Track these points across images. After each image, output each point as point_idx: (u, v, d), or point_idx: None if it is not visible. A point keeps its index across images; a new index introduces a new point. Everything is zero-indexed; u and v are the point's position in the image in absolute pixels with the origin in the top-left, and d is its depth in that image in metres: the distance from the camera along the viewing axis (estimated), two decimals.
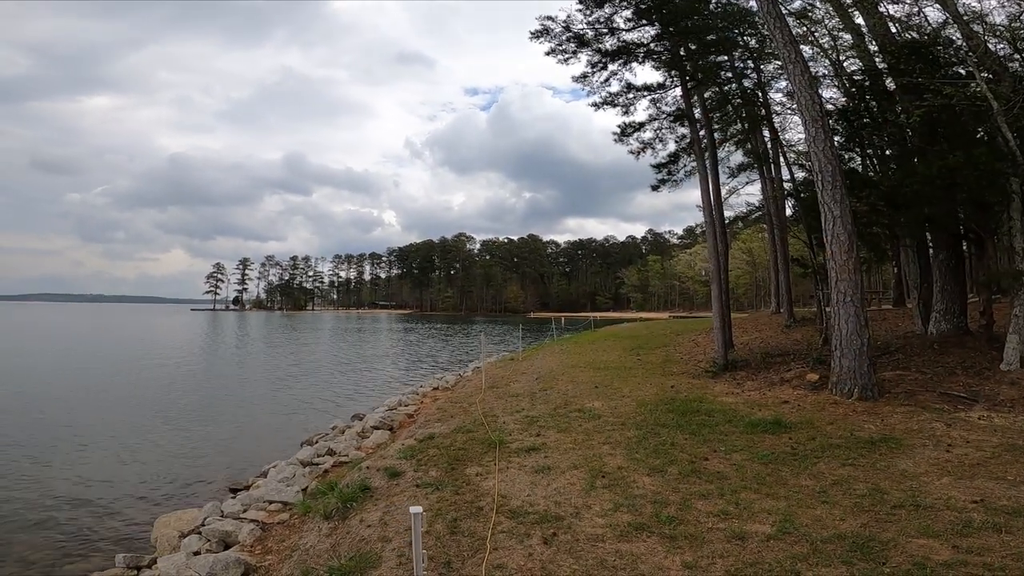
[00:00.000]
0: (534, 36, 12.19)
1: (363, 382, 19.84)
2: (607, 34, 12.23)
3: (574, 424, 6.85)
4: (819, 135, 8.05)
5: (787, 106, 16.67)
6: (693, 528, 3.90)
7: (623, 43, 12.25)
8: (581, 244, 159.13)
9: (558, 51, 12.39)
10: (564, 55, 12.45)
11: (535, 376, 11.41)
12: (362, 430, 9.61)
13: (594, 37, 12.20)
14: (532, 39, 12.23)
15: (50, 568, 5.46)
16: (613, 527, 3.96)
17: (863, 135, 11.60)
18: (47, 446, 9.97)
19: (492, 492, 4.67)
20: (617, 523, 4.02)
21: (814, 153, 8.13)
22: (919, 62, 9.47)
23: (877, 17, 10.93)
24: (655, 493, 4.55)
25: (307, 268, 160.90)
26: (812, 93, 8.30)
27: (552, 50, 12.40)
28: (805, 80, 8.33)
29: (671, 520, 4.02)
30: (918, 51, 9.70)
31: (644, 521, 4.03)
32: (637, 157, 14.31)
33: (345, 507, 4.78)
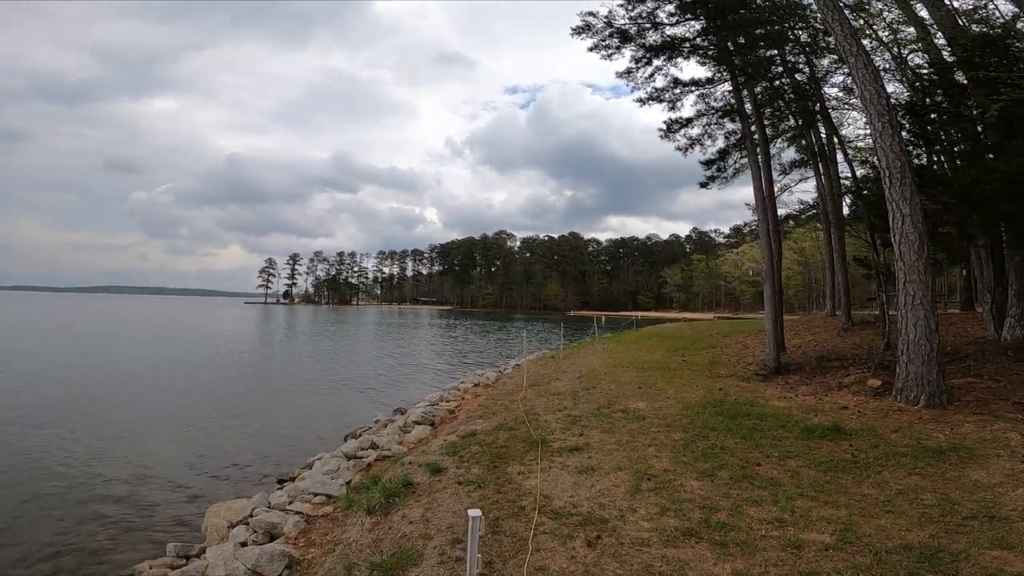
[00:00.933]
0: (575, 32, 12.05)
1: (404, 376, 20.18)
2: (650, 29, 11.96)
3: (618, 424, 6.70)
4: (886, 130, 7.61)
5: (844, 101, 15.89)
6: (745, 535, 3.72)
7: (667, 38, 11.94)
8: (623, 242, 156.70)
9: (601, 47, 12.20)
10: (607, 51, 12.25)
11: (577, 375, 11.27)
12: (404, 424, 9.73)
13: (637, 32, 11.96)
14: (573, 35, 12.11)
15: (106, 555, 5.72)
16: (660, 531, 3.83)
17: (932, 131, 10.89)
18: (111, 434, 10.54)
19: (534, 492, 4.61)
20: (664, 527, 3.88)
21: (880, 148, 7.69)
22: (993, 55, 8.82)
23: (944, 11, 10.29)
24: (704, 498, 4.38)
25: (352, 264, 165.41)
26: (877, 87, 7.86)
27: (595, 46, 12.22)
28: (869, 73, 7.89)
29: (721, 526, 3.86)
30: (992, 44, 9.05)
31: (692, 526, 3.88)
32: (685, 153, 14.01)
33: (388, 502, 4.81)
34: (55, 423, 11.23)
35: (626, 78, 12.69)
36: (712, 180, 14.75)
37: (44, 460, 8.88)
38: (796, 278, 64.72)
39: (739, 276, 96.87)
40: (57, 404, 13.10)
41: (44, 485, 7.69)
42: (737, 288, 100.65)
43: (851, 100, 15.24)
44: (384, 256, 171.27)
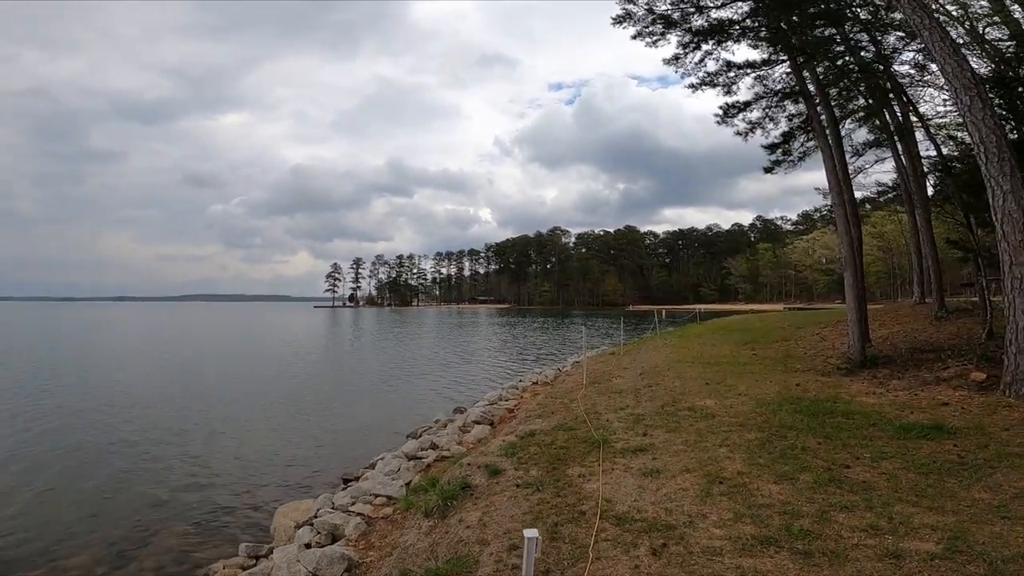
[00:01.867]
0: (616, 22, 11.68)
1: (464, 375, 20.36)
2: (695, 13, 11.40)
3: (684, 424, 6.33)
4: (975, 104, 7.00)
5: (916, 79, 14.61)
6: (833, 544, 3.37)
7: (714, 21, 11.34)
8: (682, 234, 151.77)
9: (644, 34, 11.77)
10: (651, 37, 11.81)
11: (639, 371, 10.87)
12: (463, 424, 9.72)
13: (681, 17, 11.46)
14: (614, 24, 11.73)
15: (186, 554, 5.98)
16: (733, 539, 3.52)
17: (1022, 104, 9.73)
18: (196, 433, 11.19)
19: (596, 495, 4.38)
20: (738, 535, 3.57)
21: (972, 123, 7.04)
22: None
23: None
24: (784, 503, 4.00)
25: (412, 266, 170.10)
26: (959, 60, 7.24)
27: (638, 33, 11.80)
28: (947, 47, 7.30)
29: (805, 534, 3.50)
30: None
31: (771, 534, 3.54)
32: (745, 138, 13.32)
33: (445, 505, 4.75)
34: (142, 423, 12.10)
35: (674, 64, 12.19)
36: (777, 165, 13.92)
37: (131, 457, 9.53)
38: (877, 264, 60.23)
39: (811, 264, 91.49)
40: (145, 405, 14.15)
41: (132, 481, 8.24)
42: (809, 277, 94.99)
43: (925, 77, 14.11)
44: (441, 257, 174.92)
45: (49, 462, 9.12)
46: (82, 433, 11.02)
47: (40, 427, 11.60)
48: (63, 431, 11.25)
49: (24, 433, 11.08)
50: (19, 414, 12.80)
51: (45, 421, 12.13)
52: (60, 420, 12.26)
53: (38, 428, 11.50)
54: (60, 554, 5.91)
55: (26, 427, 11.55)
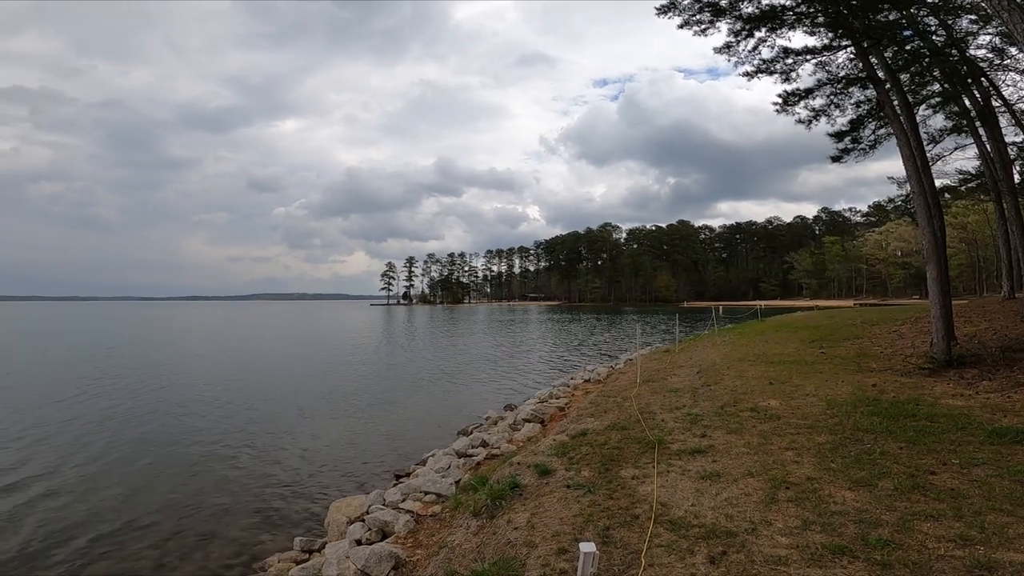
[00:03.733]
0: (661, 12, 11.25)
1: (515, 371, 20.35)
2: (744, 0, 10.79)
3: (746, 425, 5.97)
4: None
5: (996, 63, 13.35)
6: (916, 554, 3.09)
7: (766, 7, 10.69)
8: (739, 228, 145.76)
9: (692, 23, 11.26)
10: (699, 26, 11.29)
11: (695, 370, 10.44)
12: (514, 422, 9.66)
13: (729, 4, 10.87)
14: (659, 14, 11.30)
15: (245, 546, 6.19)
16: (801, 548, 3.26)
17: None
18: (253, 430, 11.65)
19: (650, 499, 4.18)
20: (807, 543, 3.30)
21: None
22: None
23: None
24: (860, 510, 3.69)
25: (463, 264, 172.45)
26: None
27: (685, 22, 11.30)
28: None
29: (884, 544, 3.22)
30: None
31: (845, 543, 3.26)
32: (808, 126, 12.65)
33: (494, 505, 4.67)
34: (211, 417, 12.81)
35: (726, 53, 11.66)
36: (846, 153, 13.13)
37: (200, 449, 10.06)
38: (959, 257, 55.62)
39: (885, 258, 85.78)
40: (215, 400, 14.98)
41: (199, 473, 8.67)
42: (883, 271, 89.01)
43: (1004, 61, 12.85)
44: (492, 255, 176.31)
45: (127, 452, 9.75)
46: (157, 426, 11.76)
47: (122, 418, 12.51)
48: (142, 424, 12.06)
49: (107, 424, 11.97)
50: (106, 407, 13.86)
51: (126, 414, 13.07)
52: (140, 413, 13.18)
53: (121, 419, 12.40)
54: (131, 540, 6.27)
55: (110, 417, 12.49)
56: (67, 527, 6.57)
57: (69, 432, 11.06)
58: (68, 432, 11.06)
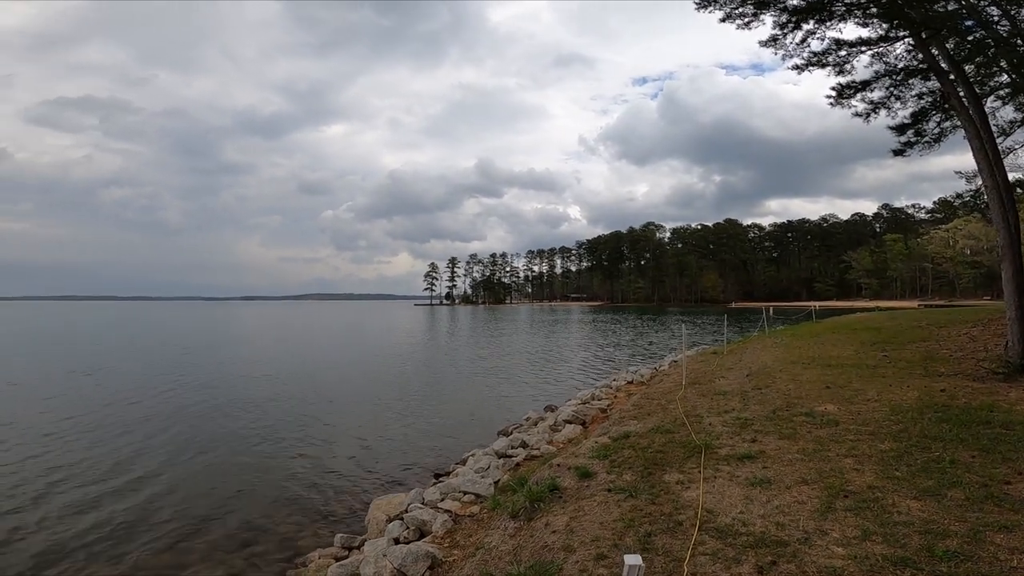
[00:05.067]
0: (700, 6, 10.89)
1: (556, 372, 20.21)
2: None
3: (801, 430, 5.65)
4: None
5: None
6: (987, 566, 2.86)
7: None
8: (791, 226, 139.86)
9: (734, 16, 10.85)
10: (742, 19, 10.87)
11: (745, 372, 10.02)
12: (554, 423, 9.55)
13: None
14: (698, 8, 10.93)
15: (289, 541, 6.37)
16: (860, 559, 3.04)
17: None
18: (302, 427, 12.07)
19: (695, 505, 4.00)
20: (866, 554, 3.08)
21: None
22: None
23: None
24: (927, 521, 3.43)
25: (504, 264, 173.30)
26: None
27: (727, 16, 10.90)
28: None
29: (952, 555, 2.98)
30: None
31: (908, 555, 3.03)
32: (867, 120, 12.03)
33: (532, 507, 4.59)
34: (262, 413, 13.34)
35: (772, 46, 11.21)
36: (909, 147, 12.39)
37: (249, 445, 10.47)
38: None
39: (952, 256, 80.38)
40: (267, 397, 15.60)
41: (247, 469, 8.97)
42: (950, 271, 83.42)
43: None
44: (533, 255, 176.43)
45: (185, 446, 10.24)
46: (213, 422, 12.35)
47: (185, 414, 13.22)
48: (200, 419, 12.71)
49: (172, 419, 12.67)
50: (174, 403, 14.69)
51: (189, 409, 13.80)
52: (201, 410, 13.92)
53: (184, 415, 13.11)
54: (184, 529, 6.58)
55: (176, 413, 13.22)
56: (126, 515, 6.96)
57: (139, 426, 11.79)
58: (138, 426, 11.79)
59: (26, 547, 6.09)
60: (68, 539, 6.29)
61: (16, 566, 5.68)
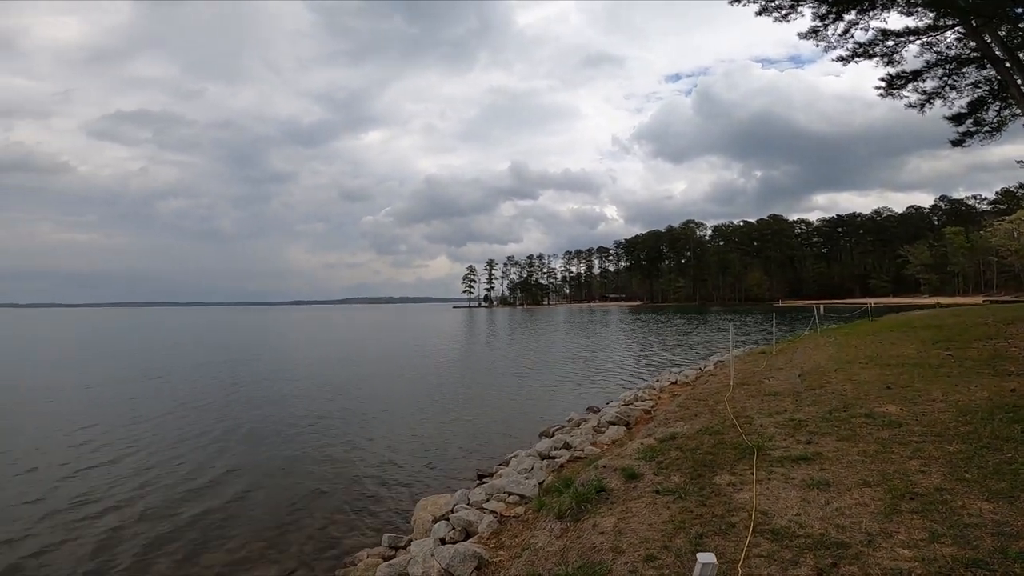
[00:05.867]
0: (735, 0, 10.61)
1: (597, 373, 20.04)
2: None
3: (860, 432, 5.42)
4: None
5: None
6: None
7: None
8: (841, 220, 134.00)
9: (770, 9, 10.58)
10: (779, 12, 10.59)
11: (797, 372, 9.67)
12: (598, 424, 9.48)
13: None
14: (732, 2, 10.65)
15: (337, 540, 6.51)
16: (927, 561, 2.92)
17: None
18: (347, 427, 12.32)
19: (748, 506, 3.90)
20: (934, 556, 2.96)
21: None
22: None
23: None
24: (999, 523, 3.25)
25: (541, 265, 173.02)
26: None
27: (763, 9, 10.61)
28: None
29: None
30: None
31: (980, 556, 2.90)
32: (921, 110, 11.56)
33: (579, 508, 4.58)
34: (308, 413, 13.78)
35: (813, 38, 10.92)
36: (968, 136, 11.83)
37: (297, 444, 10.80)
38: None
39: (1017, 249, 75.07)
40: (312, 397, 16.14)
41: (295, 466, 9.27)
42: (1016, 264, 77.95)
43: None
44: (570, 256, 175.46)
45: (236, 446, 10.62)
46: (263, 423, 12.80)
47: (236, 415, 13.82)
48: (251, 420, 13.22)
49: (224, 419, 13.26)
50: (224, 405, 15.39)
51: (240, 410, 14.42)
52: (249, 409, 14.51)
53: (235, 416, 13.71)
54: (236, 527, 6.80)
55: (229, 415, 13.83)
56: (181, 511, 7.28)
57: (195, 430, 12.37)
58: (194, 430, 12.38)
59: (80, 548, 6.32)
60: (127, 537, 6.58)
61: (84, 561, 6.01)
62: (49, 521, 7.01)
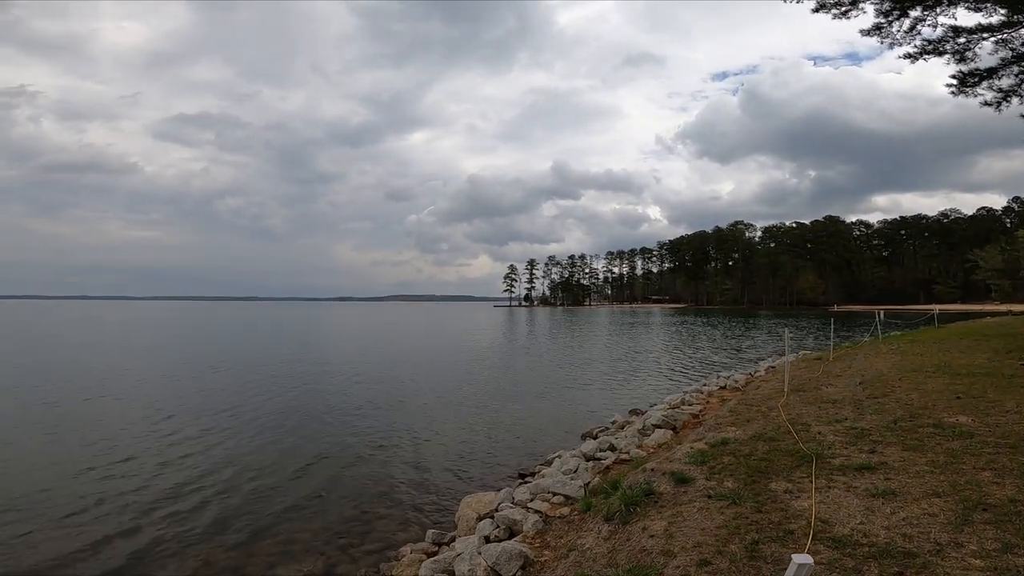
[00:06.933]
0: None
1: (639, 375, 19.78)
2: None
3: (928, 442, 5.18)
4: None
5: None
6: None
7: None
8: (905, 222, 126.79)
9: (829, 6, 10.15)
10: (839, 8, 10.16)
11: (857, 379, 9.28)
12: (643, 427, 9.36)
13: None
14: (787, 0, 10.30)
15: (380, 534, 6.56)
16: (1000, 571, 2.80)
17: None
18: (391, 424, 12.46)
19: (807, 514, 3.79)
20: (1007, 566, 2.84)
21: None
22: None
23: None
24: None
25: (583, 266, 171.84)
26: None
27: (821, 5, 10.21)
28: None
29: None
30: None
31: None
32: (997, 109, 10.92)
33: (627, 511, 4.52)
34: (356, 409, 14.21)
35: (876, 35, 10.46)
36: None
37: (344, 440, 11.02)
38: None
39: None
40: (360, 394, 16.66)
41: (343, 463, 9.34)
42: None
43: None
44: (613, 256, 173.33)
45: (284, 440, 10.86)
46: (311, 418, 13.08)
47: (285, 410, 14.41)
48: (298, 415, 13.65)
49: (272, 414, 13.85)
50: (270, 394, 16.11)
51: (289, 405, 15.05)
52: (298, 405, 15.13)
53: (284, 411, 14.30)
54: (284, 521, 6.93)
55: (280, 409, 14.46)
56: (232, 505, 7.46)
57: (248, 421, 12.98)
58: (247, 421, 12.99)
59: (139, 532, 6.53)
60: (187, 522, 6.80)
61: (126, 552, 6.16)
62: (106, 507, 7.28)
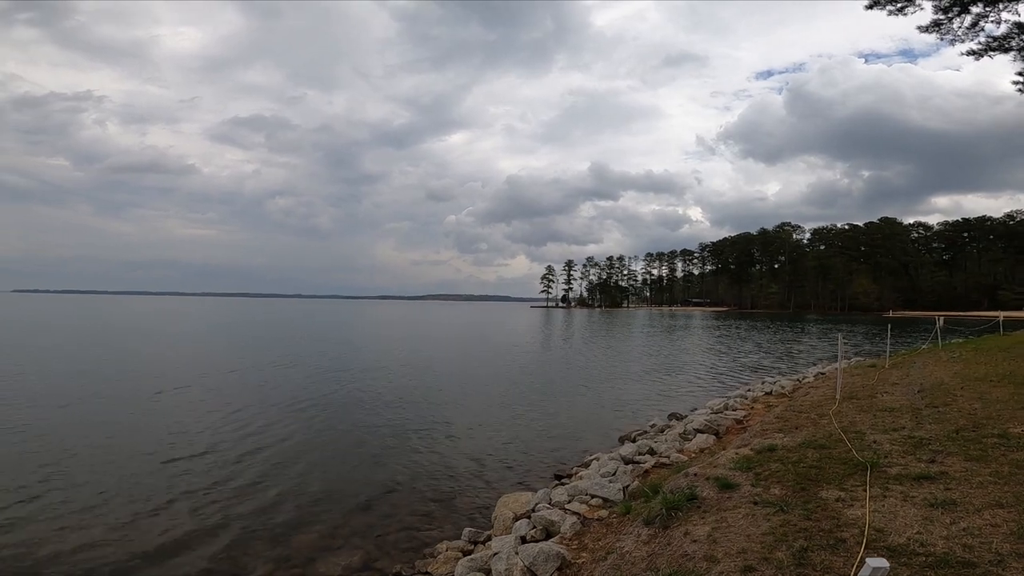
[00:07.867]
0: None
1: (679, 379, 19.41)
2: None
3: (993, 453, 4.91)
4: None
5: None
6: None
7: None
8: (968, 224, 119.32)
9: (885, 2, 9.74)
10: (895, 4, 9.77)
11: (915, 388, 8.85)
12: (684, 432, 9.21)
13: None
14: None
15: (417, 531, 6.66)
16: None
17: None
18: (429, 423, 12.44)
19: (860, 523, 3.66)
20: None
21: None
22: None
23: None
24: None
25: (622, 267, 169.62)
26: None
27: (875, 2, 9.83)
28: None
29: None
30: None
31: None
32: None
33: (668, 515, 4.44)
34: (393, 407, 14.42)
35: (935, 31, 10.06)
36: None
37: (381, 438, 11.05)
38: None
39: None
40: (397, 393, 16.98)
41: (380, 460, 9.49)
42: None
43: None
44: (652, 258, 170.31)
45: (324, 436, 11.01)
46: (351, 415, 13.26)
47: (325, 406, 14.84)
48: (340, 411, 13.91)
49: (318, 409, 14.31)
50: (314, 390, 16.66)
51: (329, 402, 15.53)
52: (339, 401, 15.58)
53: (324, 407, 14.73)
54: (324, 514, 7.06)
55: (322, 403, 14.96)
56: (272, 498, 7.61)
57: (291, 418, 13.39)
58: (290, 418, 13.41)
59: (178, 523, 6.70)
60: (231, 518, 6.94)
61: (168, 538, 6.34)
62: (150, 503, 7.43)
